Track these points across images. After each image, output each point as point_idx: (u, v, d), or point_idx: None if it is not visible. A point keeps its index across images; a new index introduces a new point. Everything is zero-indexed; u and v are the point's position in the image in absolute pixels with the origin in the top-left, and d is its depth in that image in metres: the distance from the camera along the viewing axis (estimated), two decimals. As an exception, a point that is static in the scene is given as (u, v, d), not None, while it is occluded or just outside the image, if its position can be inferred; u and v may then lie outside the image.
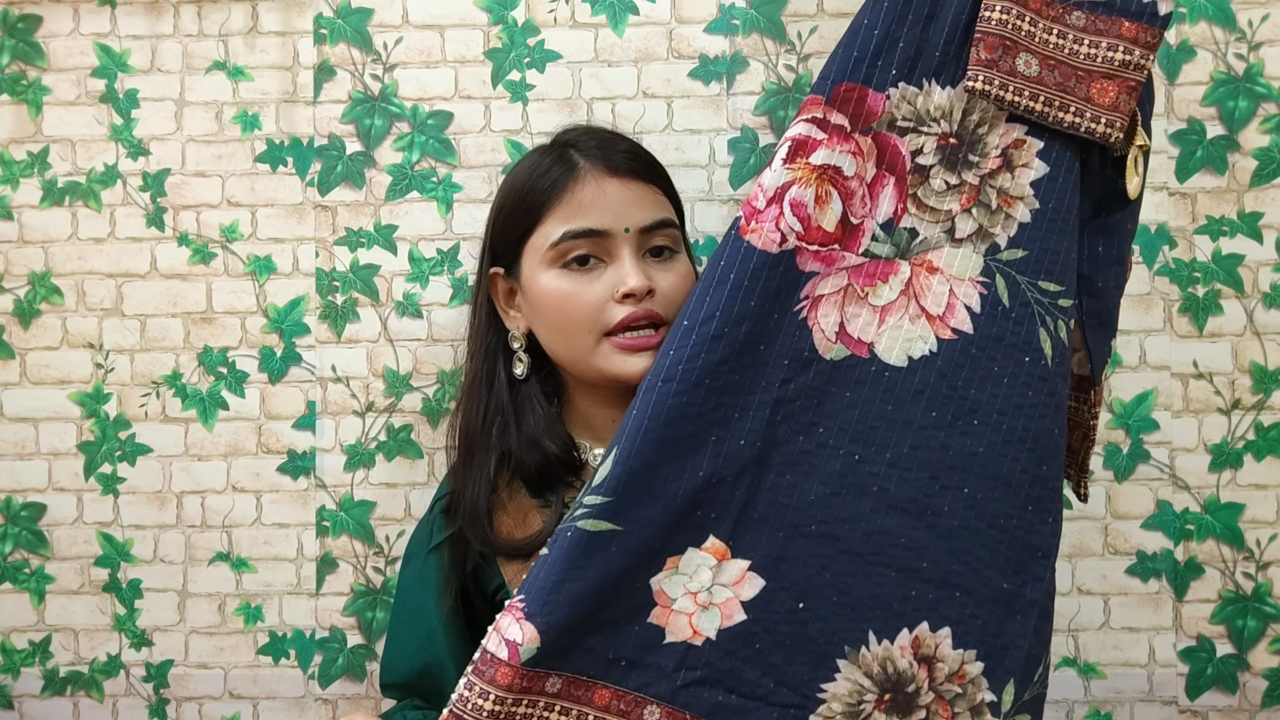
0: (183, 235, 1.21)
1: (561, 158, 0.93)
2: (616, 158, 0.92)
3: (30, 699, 1.22)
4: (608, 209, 0.90)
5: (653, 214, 0.92)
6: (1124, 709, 1.16)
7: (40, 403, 1.21)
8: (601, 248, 0.90)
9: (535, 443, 0.93)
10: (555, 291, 0.91)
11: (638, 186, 0.92)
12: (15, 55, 1.22)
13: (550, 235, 0.91)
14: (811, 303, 0.79)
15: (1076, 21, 0.79)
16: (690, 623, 0.78)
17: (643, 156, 0.95)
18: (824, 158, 0.78)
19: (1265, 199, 1.15)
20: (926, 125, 0.80)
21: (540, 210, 0.92)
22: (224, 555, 1.21)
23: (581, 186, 0.91)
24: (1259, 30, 1.15)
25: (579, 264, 0.90)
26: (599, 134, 0.97)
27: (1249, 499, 1.15)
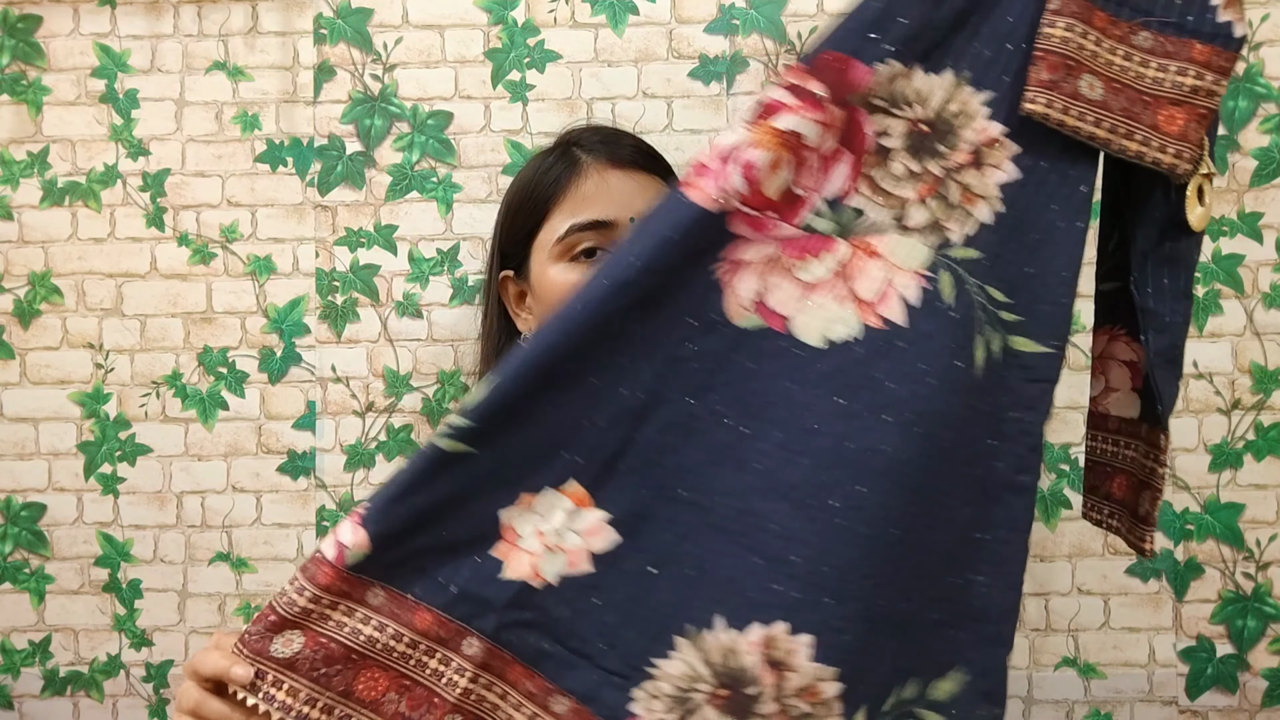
0: (183, 235, 1.21)
1: (565, 154, 0.94)
2: (619, 150, 0.93)
3: (30, 699, 1.22)
4: (612, 200, 0.91)
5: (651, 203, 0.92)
6: (1124, 709, 1.16)
7: (40, 403, 1.21)
8: (607, 239, 0.91)
9: None
10: (563, 284, 0.92)
11: (641, 177, 0.93)
12: (15, 55, 1.22)
13: (556, 230, 0.92)
14: (730, 266, 0.73)
15: (1143, 42, 0.73)
16: (533, 563, 0.73)
17: (645, 149, 0.96)
18: (789, 123, 0.72)
19: (1265, 199, 1.15)
20: (900, 108, 0.75)
21: (545, 206, 0.93)
22: (224, 555, 1.21)
23: (585, 180, 0.92)
24: (1259, 30, 1.15)
25: (586, 256, 0.91)
26: (602, 130, 0.98)
27: (1249, 499, 1.15)
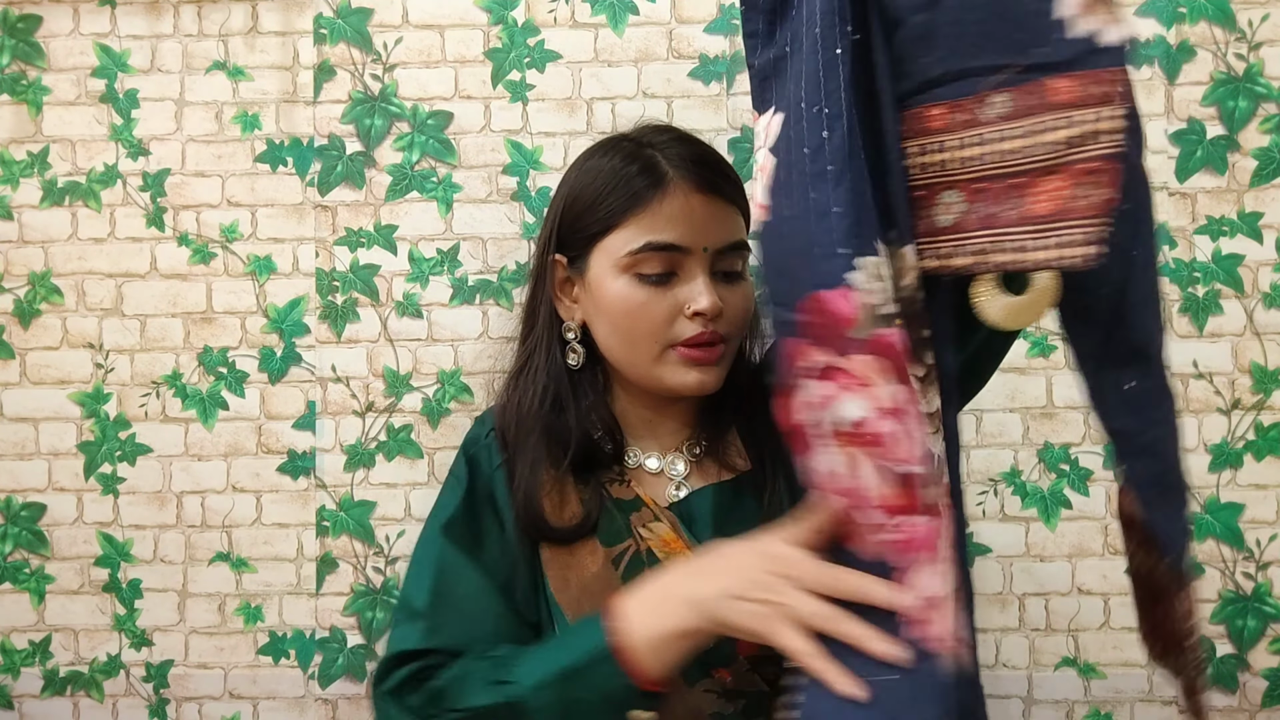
0: (183, 235, 1.21)
1: (649, 165, 0.91)
2: (706, 175, 0.91)
3: (30, 699, 1.22)
4: (692, 226, 0.89)
5: (731, 236, 0.91)
6: (1124, 709, 1.16)
7: (40, 403, 1.21)
8: (677, 263, 0.90)
9: (591, 426, 0.94)
10: (626, 299, 0.91)
11: (720, 206, 0.91)
12: (15, 55, 1.22)
13: (630, 242, 0.90)
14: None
15: (998, 109, 0.55)
16: None
17: (730, 176, 0.93)
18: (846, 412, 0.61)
19: (1265, 199, 1.15)
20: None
21: (622, 215, 0.91)
22: (224, 555, 1.21)
23: (670, 199, 0.89)
24: (1259, 30, 1.15)
25: (655, 281, 0.90)
26: (687, 143, 0.93)
27: (1249, 499, 1.15)
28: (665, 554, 0.91)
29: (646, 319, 0.91)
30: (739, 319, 0.92)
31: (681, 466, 0.96)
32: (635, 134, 0.95)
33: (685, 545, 0.91)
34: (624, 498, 0.93)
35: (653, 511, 0.93)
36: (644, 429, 0.98)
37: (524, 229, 1.20)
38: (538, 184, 1.19)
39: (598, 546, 0.91)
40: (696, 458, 0.97)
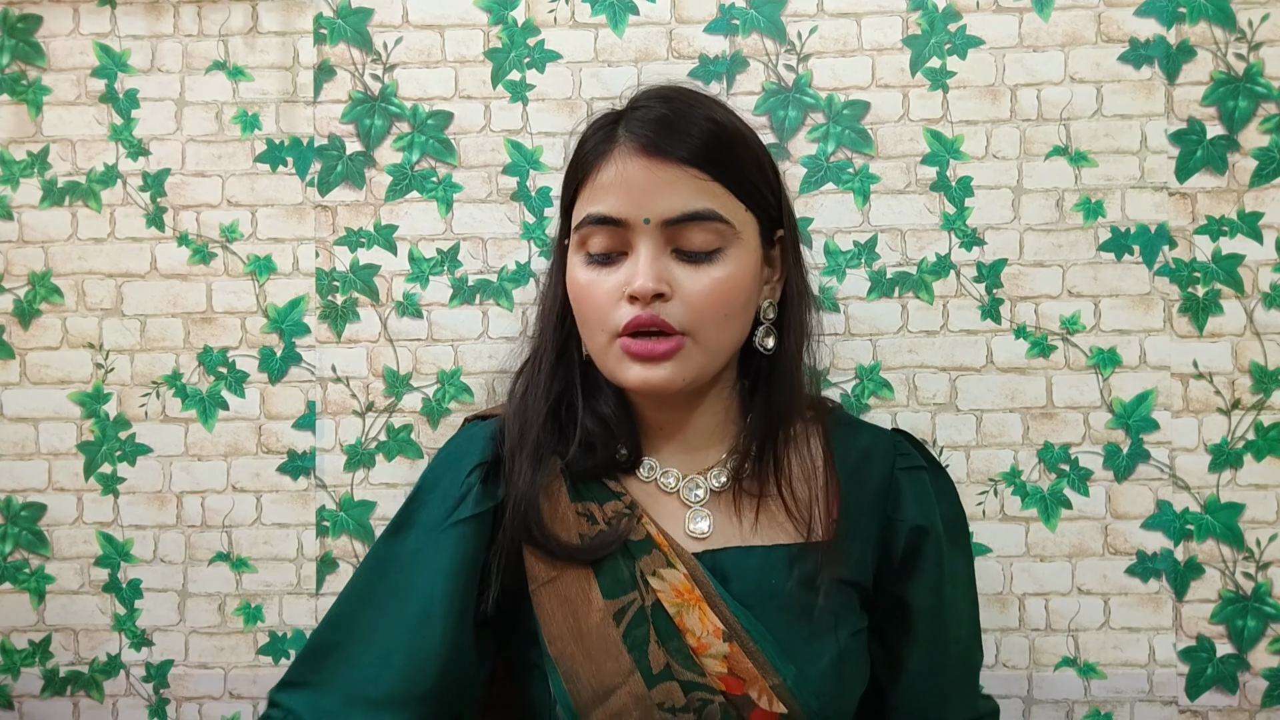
0: (183, 235, 1.21)
1: (610, 124, 0.82)
2: (658, 135, 0.78)
3: (30, 699, 1.22)
4: (628, 194, 0.77)
5: (684, 204, 0.78)
6: (1124, 709, 1.16)
7: (40, 403, 1.21)
8: (621, 238, 0.79)
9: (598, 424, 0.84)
10: (575, 281, 0.82)
11: (673, 170, 0.78)
12: (15, 55, 1.22)
13: (577, 215, 0.82)
14: None
15: None
16: None
17: (700, 137, 0.79)
18: None
19: (1265, 199, 1.15)
20: None
21: (578, 183, 0.82)
22: (224, 555, 1.21)
23: (608, 165, 0.79)
24: (1259, 30, 1.15)
25: (599, 255, 0.80)
26: (667, 102, 0.81)
27: (1249, 499, 1.15)
28: (677, 606, 0.80)
29: (590, 303, 0.81)
30: (701, 305, 0.79)
31: (702, 492, 0.85)
32: (642, 92, 0.85)
33: (703, 598, 0.80)
34: (634, 538, 0.82)
35: (665, 555, 0.81)
36: (664, 439, 0.87)
37: (524, 229, 1.20)
38: (538, 184, 1.19)
39: (598, 594, 0.80)
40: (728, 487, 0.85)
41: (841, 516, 0.85)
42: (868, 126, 1.18)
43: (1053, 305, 1.16)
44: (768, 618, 0.80)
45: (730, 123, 0.84)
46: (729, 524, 0.85)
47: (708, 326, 0.80)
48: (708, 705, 0.78)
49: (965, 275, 1.17)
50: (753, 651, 0.79)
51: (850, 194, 1.18)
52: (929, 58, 1.17)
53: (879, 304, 1.17)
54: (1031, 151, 1.17)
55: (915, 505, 0.89)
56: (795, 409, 0.87)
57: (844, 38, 1.18)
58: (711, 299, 0.79)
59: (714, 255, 0.80)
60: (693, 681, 0.78)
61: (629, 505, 0.83)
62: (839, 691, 0.81)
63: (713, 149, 0.80)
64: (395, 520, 0.90)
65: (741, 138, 0.84)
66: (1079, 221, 1.16)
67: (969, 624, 0.96)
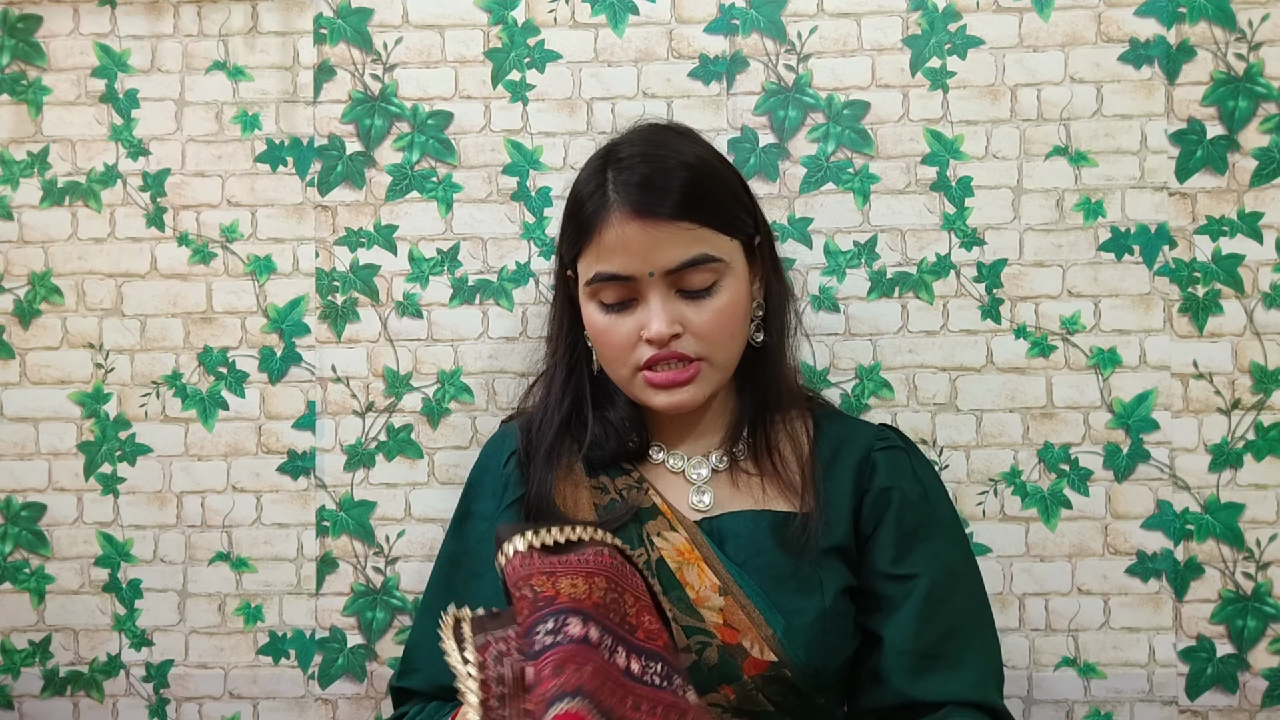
0: (183, 235, 1.21)
1: (600, 186, 0.90)
2: (647, 198, 0.87)
3: (30, 699, 1.22)
4: (632, 254, 0.88)
5: (682, 254, 0.88)
6: (1124, 709, 1.16)
7: (40, 403, 1.21)
8: (629, 289, 0.90)
9: (609, 422, 0.96)
10: (594, 324, 0.93)
11: (666, 228, 0.87)
12: (15, 55, 1.22)
13: (586, 273, 0.92)
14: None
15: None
16: None
17: (683, 192, 0.88)
18: None
19: (1265, 199, 1.15)
20: None
21: (580, 240, 0.92)
22: (224, 555, 1.21)
23: (608, 229, 0.88)
24: (1259, 30, 1.15)
25: (613, 304, 0.91)
26: (648, 161, 0.90)
27: (1249, 499, 1.15)
28: (678, 563, 0.92)
29: (611, 345, 0.92)
30: (711, 335, 0.91)
31: (705, 471, 0.97)
32: (614, 145, 0.93)
33: (701, 558, 0.91)
34: (640, 505, 0.94)
35: (669, 521, 0.93)
36: (671, 429, 0.98)
37: (524, 229, 1.20)
38: (538, 184, 1.19)
39: None
40: (728, 467, 0.97)
41: (823, 490, 0.95)
42: (868, 126, 1.18)
43: (1053, 305, 1.16)
44: (758, 575, 0.91)
45: (702, 161, 0.93)
46: (728, 497, 0.96)
47: (718, 349, 0.92)
48: (706, 648, 0.88)
49: (965, 275, 1.17)
50: (745, 605, 0.89)
51: (850, 194, 1.18)
52: (929, 58, 1.17)
53: (879, 304, 1.17)
54: (1031, 151, 1.17)
55: (886, 474, 0.97)
56: (784, 392, 0.98)
57: (844, 38, 1.18)
58: (717, 328, 0.91)
59: (712, 289, 0.91)
60: (693, 626, 0.89)
61: (638, 480, 0.96)
62: (824, 645, 0.90)
63: (695, 199, 0.89)
64: (455, 517, 1.03)
65: (715, 173, 0.93)
66: (1079, 221, 1.16)
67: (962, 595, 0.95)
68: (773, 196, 1.17)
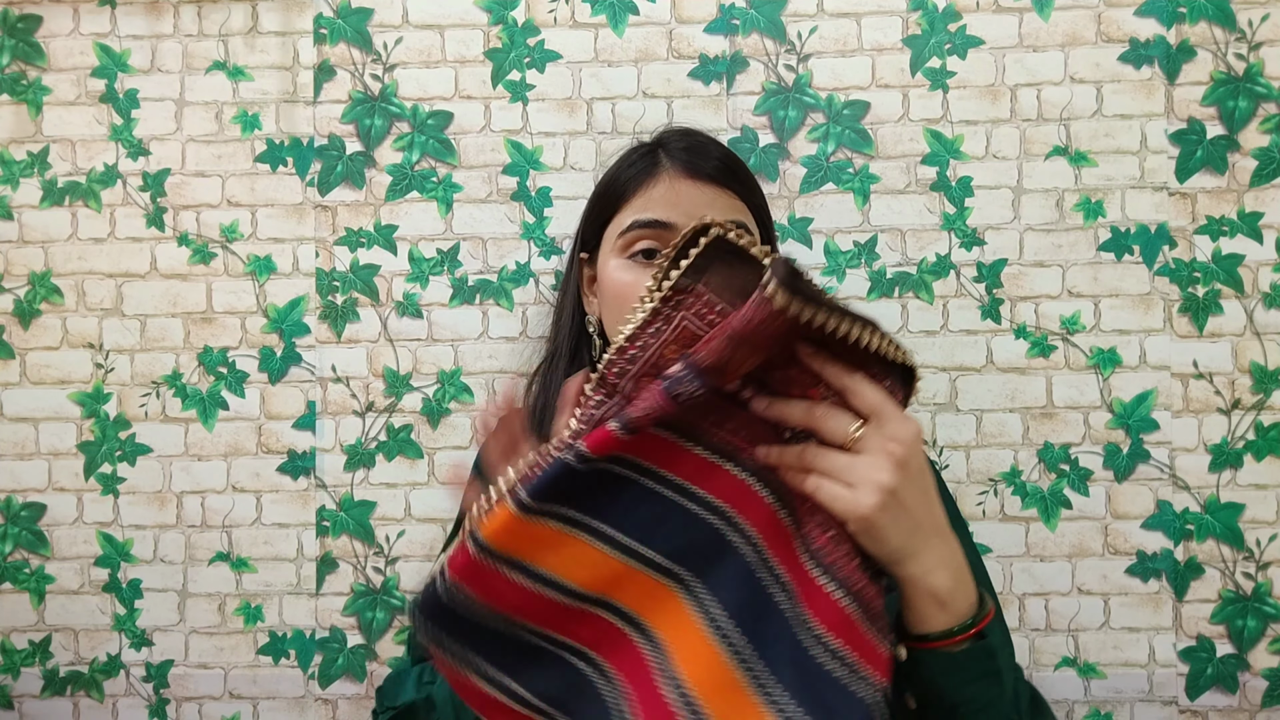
0: (183, 235, 1.21)
1: (649, 155, 0.95)
2: (699, 162, 0.93)
3: (30, 699, 1.22)
4: (677, 205, 0.91)
5: (724, 216, 0.90)
6: (1124, 709, 1.16)
7: (40, 403, 1.21)
8: (665, 240, 0.91)
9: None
10: (617, 280, 0.93)
11: (713, 190, 0.92)
12: (15, 55, 1.22)
13: (622, 223, 0.93)
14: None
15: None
16: None
17: (727, 166, 0.95)
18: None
19: (1265, 199, 1.15)
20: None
21: (619, 200, 0.94)
22: (224, 555, 1.21)
23: (658, 183, 0.92)
24: (1259, 30, 1.15)
25: (644, 256, 0.91)
26: (692, 137, 0.97)
27: (1249, 499, 1.15)
28: None
29: (632, 298, 0.88)
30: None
31: None
32: (659, 134, 0.98)
33: None
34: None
35: None
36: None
37: (524, 229, 1.20)
38: (538, 184, 1.19)
39: None
40: None
41: None
42: (868, 126, 1.18)
43: (1053, 305, 1.16)
44: None
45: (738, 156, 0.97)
46: None
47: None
48: None
49: (965, 275, 1.17)
50: None
51: (850, 194, 1.18)
52: (929, 58, 1.17)
53: (879, 304, 1.17)
54: (1031, 151, 1.17)
55: None
56: None
57: (844, 38, 1.18)
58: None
59: None
60: None
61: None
62: None
63: (737, 173, 0.94)
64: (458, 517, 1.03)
65: (748, 168, 0.97)
66: (1079, 221, 1.16)
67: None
68: (773, 196, 1.17)
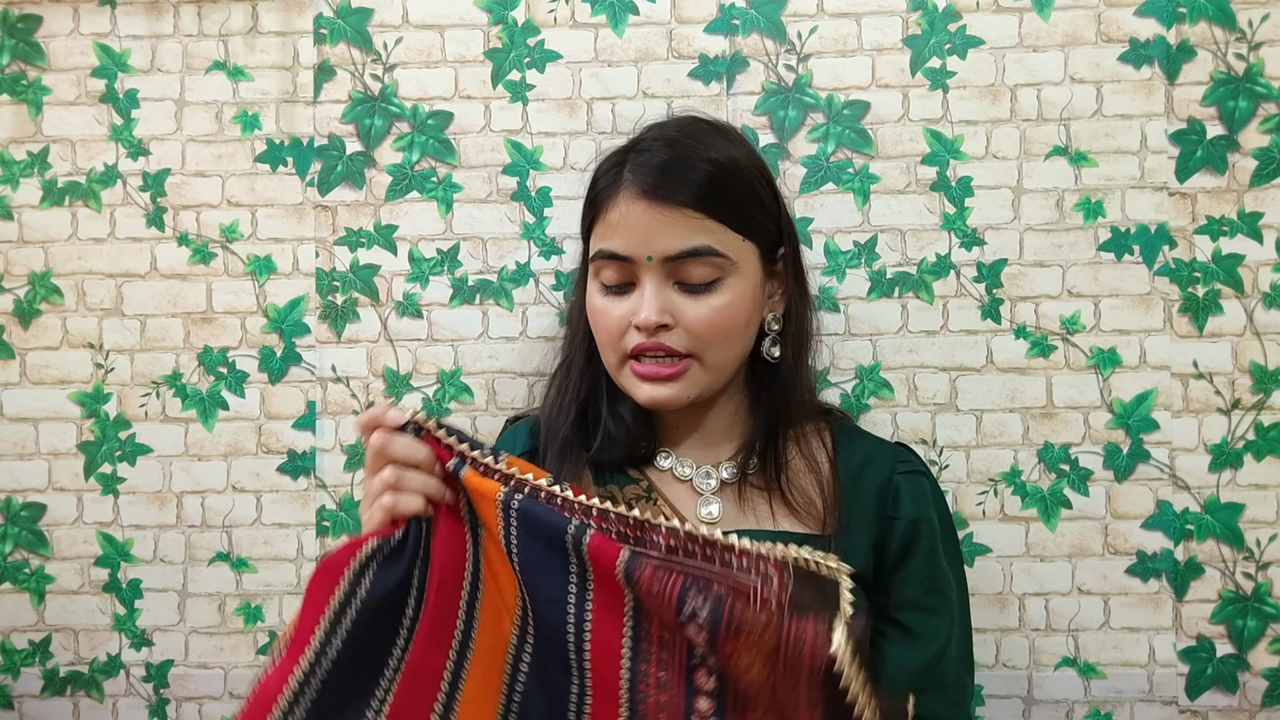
0: (183, 235, 1.21)
1: (617, 166, 0.90)
2: (658, 180, 0.86)
3: (30, 699, 1.22)
4: (633, 234, 0.86)
5: (682, 243, 0.86)
6: (1124, 709, 1.16)
7: (40, 403, 1.21)
8: (629, 272, 0.88)
9: (621, 421, 0.93)
10: (592, 305, 0.91)
11: (671, 213, 0.86)
12: (15, 55, 1.22)
13: (593, 245, 0.91)
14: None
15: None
16: None
17: (697, 180, 0.87)
18: None
19: (1265, 199, 1.15)
20: None
21: (592, 214, 0.91)
22: (224, 555, 1.21)
23: (615, 206, 0.88)
24: (1259, 30, 1.15)
25: (613, 286, 0.89)
26: (671, 146, 0.89)
27: (1249, 499, 1.15)
28: None
29: (604, 329, 0.90)
30: (703, 332, 0.87)
31: (713, 482, 0.94)
32: (646, 129, 0.94)
33: None
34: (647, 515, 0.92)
35: None
36: (681, 433, 0.96)
37: (524, 229, 1.20)
38: (538, 184, 1.19)
39: None
40: (736, 480, 0.94)
41: (842, 514, 0.92)
42: (868, 126, 1.18)
43: (1053, 305, 1.16)
44: None
45: (730, 159, 0.90)
46: (737, 512, 0.93)
47: (710, 349, 0.89)
48: None
49: (965, 275, 1.17)
50: None
51: (850, 194, 1.18)
52: (929, 58, 1.17)
53: (879, 304, 1.17)
54: (1031, 151, 1.17)
55: (912, 503, 0.95)
56: (796, 411, 0.95)
57: (844, 38, 1.18)
58: (711, 326, 0.88)
59: (713, 285, 0.88)
60: None
61: (646, 489, 0.93)
62: None
63: (710, 191, 0.87)
64: None
65: (740, 173, 0.90)
66: (1079, 221, 1.16)
67: (959, 640, 0.95)
68: (773, 196, 1.17)
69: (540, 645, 0.79)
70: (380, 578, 0.77)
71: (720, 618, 0.69)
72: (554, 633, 0.78)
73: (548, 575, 0.78)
